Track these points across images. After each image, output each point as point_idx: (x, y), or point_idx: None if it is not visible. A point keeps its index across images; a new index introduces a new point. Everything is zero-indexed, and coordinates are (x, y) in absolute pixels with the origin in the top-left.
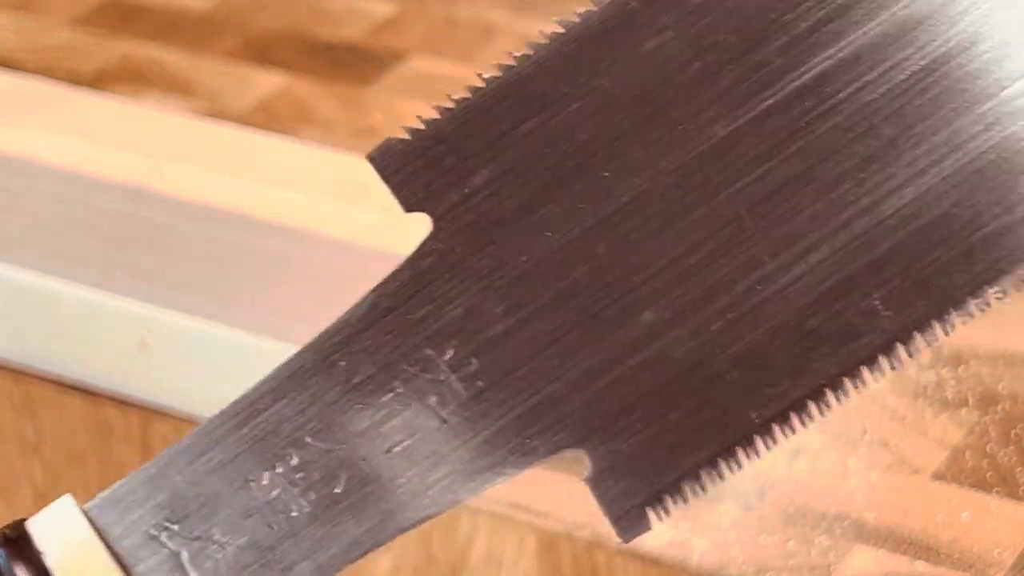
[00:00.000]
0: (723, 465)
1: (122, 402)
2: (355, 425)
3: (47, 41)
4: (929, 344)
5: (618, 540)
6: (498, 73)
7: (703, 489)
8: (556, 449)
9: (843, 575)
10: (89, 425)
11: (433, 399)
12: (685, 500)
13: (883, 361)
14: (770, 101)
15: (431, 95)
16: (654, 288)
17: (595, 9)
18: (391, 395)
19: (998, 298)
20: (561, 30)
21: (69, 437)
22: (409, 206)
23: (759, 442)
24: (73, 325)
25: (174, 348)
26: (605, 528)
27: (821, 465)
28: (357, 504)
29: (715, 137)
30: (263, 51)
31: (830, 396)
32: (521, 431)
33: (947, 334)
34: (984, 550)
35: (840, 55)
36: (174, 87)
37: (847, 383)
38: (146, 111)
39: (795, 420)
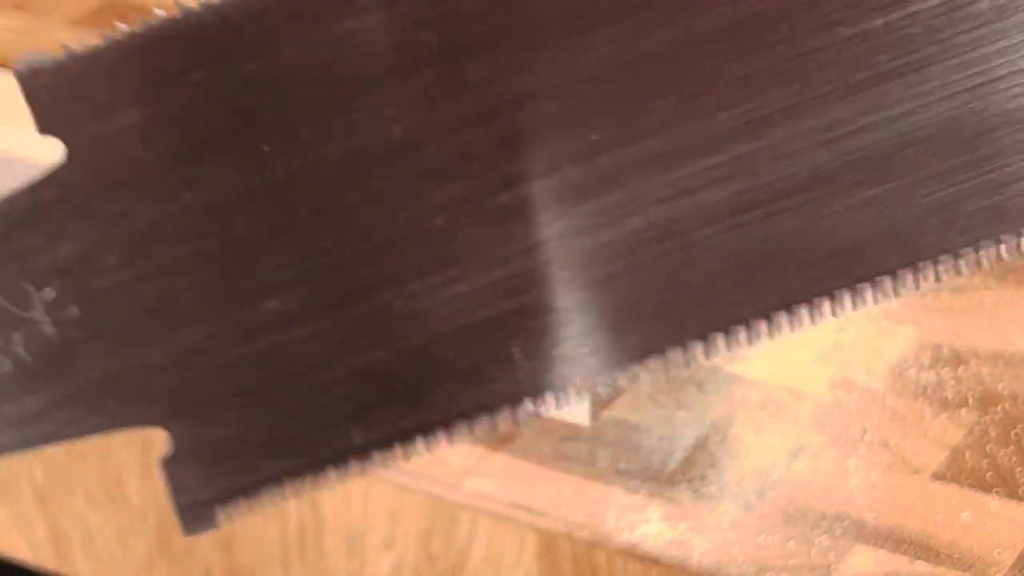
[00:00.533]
0: (309, 478)
1: None
2: None
3: (46, 41)
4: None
5: (618, 540)
6: (177, 14)
7: (281, 499)
8: (137, 422)
9: (843, 575)
10: None
11: (18, 337)
12: (261, 505)
13: (509, 412)
14: (469, 113)
15: None
16: (286, 278)
17: None
18: None
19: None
20: None
21: None
22: (44, 127)
23: (353, 464)
24: None
25: None
26: (605, 528)
27: (821, 465)
28: None
29: (391, 139)
30: None
31: (439, 435)
32: (105, 393)
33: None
34: (984, 550)
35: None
36: None
37: (458, 427)
38: None
39: (399, 450)
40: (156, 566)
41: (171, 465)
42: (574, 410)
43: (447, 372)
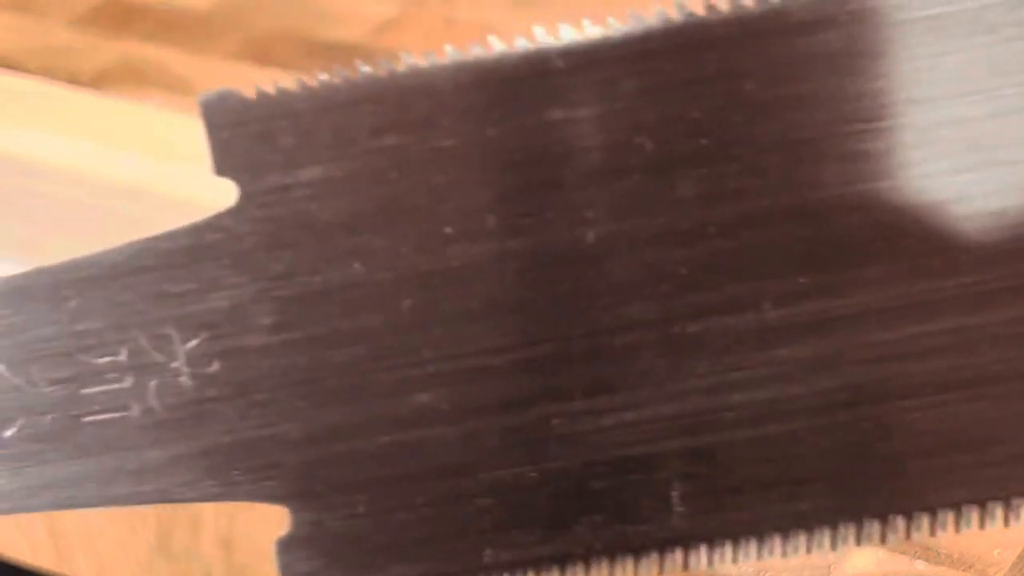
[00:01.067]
0: None
1: None
2: (56, 373)
3: (47, 41)
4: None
5: None
6: (381, 73)
7: None
8: (259, 496)
9: (843, 575)
10: None
11: (153, 384)
12: None
13: (650, 561)
14: (672, 231)
15: None
16: (443, 372)
17: (514, 52)
18: (109, 359)
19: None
20: (467, 58)
21: None
22: (220, 168)
23: None
24: None
25: None
26: None
27: None
28: (22, 458)
29: (583, 243)
30: (263, 51)
31: (576, 568)
32: (231, 459)
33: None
34: (984, 550)
35: None
36: (174, 87)
37: (598, 564)
38: (146, 111)
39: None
40: (156, 566)
41: (286, 547)
42: None
43: (596, 503)
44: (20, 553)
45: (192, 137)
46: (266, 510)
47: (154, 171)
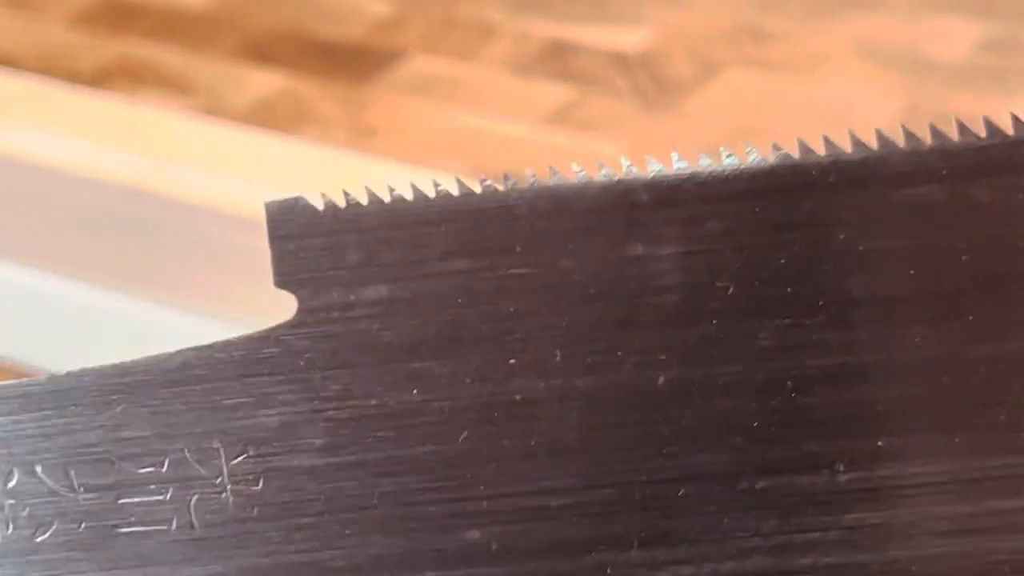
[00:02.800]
0: None
1: None
2: (95, 479)
3: (46, 40)
4: None
5: None
6: (455, 192)
7: None
8: None
9: None
10: None
11: (195, 498)
12: None
13: None
14: (749, 381)
15: (430, 94)
16: (495, 510)
17: (597, 182)
18: (151, 470)
19: None
20: (547, 184)
21: None
22: (282, 281)
23: None
24: (73, 325)
25: (173, 348)
26: None
27: None
28: (55, 565)
29: (652, 386)
30: (263, 50)
31: None
32: None
33: None
34: None
35: None
36: (173, 86)
37: None
38: (145, 110)
39: None
40: None
41: None
42: None
43: None
44: None
45: (190, 137)
46: None
47: (153, 171)
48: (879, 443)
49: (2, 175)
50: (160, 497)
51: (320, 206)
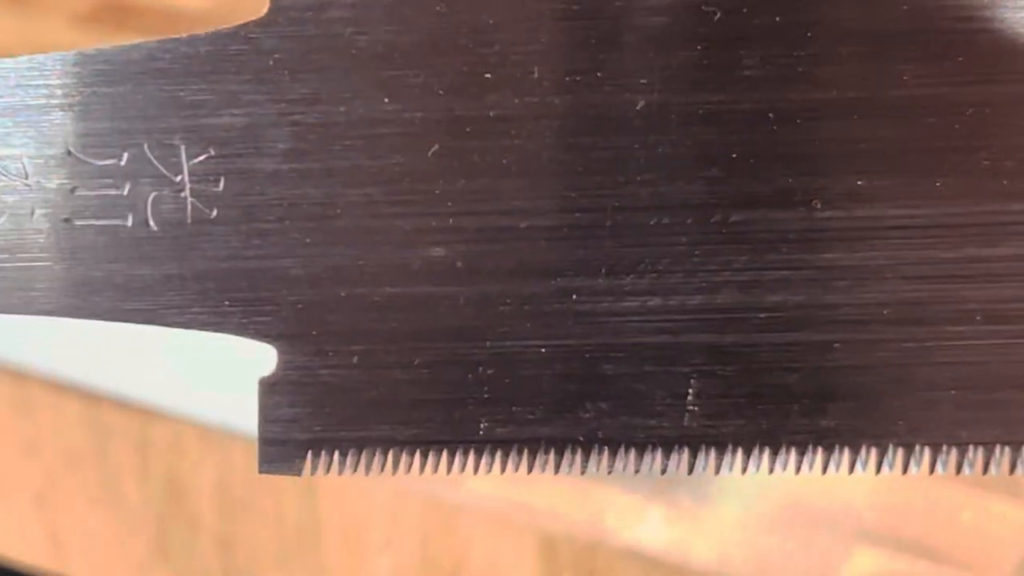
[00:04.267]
0: (413, 455)
1: (120, 403)
2: (49, 169)
3: (46, 40)
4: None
5: (618, 541)
6: None
7: (379, 468)
8: (249, 331)
9: (843, 575)
10: (88, 426)
11: (152, 195)
12: (354, 468)
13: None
14: (729, 111)
15: None
16: (462, 227)
17: None
18: (109, 162)
19: None
20: None
21: (68, 438)
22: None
23: (470, 457)
24: (72, 326)
25: (173, 348)
26: (605, 528)
27: None
28: (6, 252)
29: (630, 111)
30: None
31: (574, 456)
32: (224, 289)
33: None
34: (985, 551)
35: None
36: None
37: (598, 454)
38: None
39: (523, 458)
40: (154, 567)
41: (269, 391)
42: None
43: (606, 390)
44: (18, 554)
45: None
46: (264, 512)
47: None
48: (859, 182)
49: None
50: (117, 192)
51: None
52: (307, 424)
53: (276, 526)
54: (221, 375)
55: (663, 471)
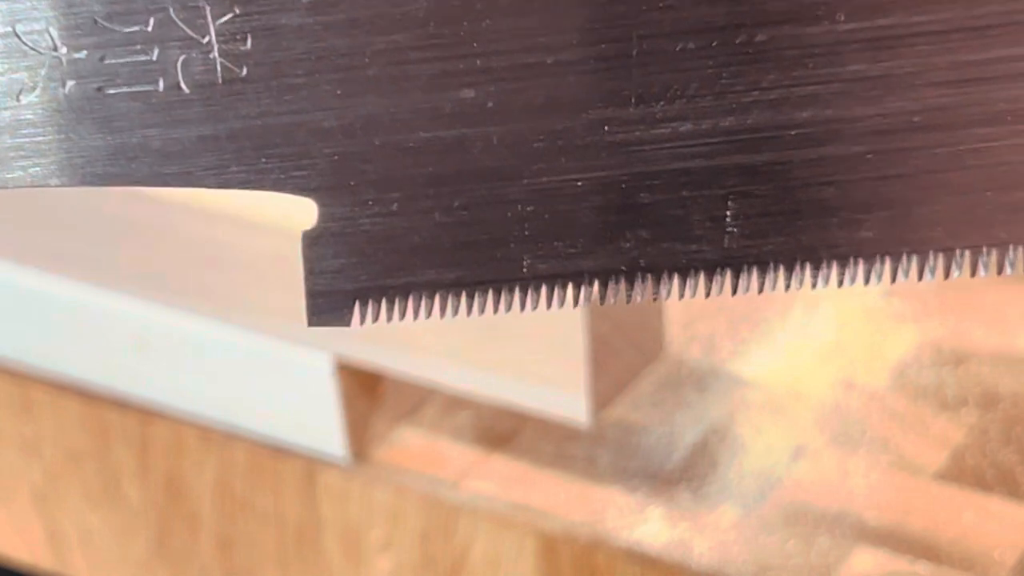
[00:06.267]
0: (462, 297)
1: (120, 403)
2: (78, 39)
3: None
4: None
5: (618, 541)
6: None
7: (426, 313)
8: (288, 186)
9: (843, 575)
10: (87, 426)
11: (182, 58)
12: (402, 314)
13: (685, 282)
14: None
15: None
16: (490, 68)
17: None
18: (136, 28)
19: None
20: None
21: (67, 438)
22: None
23: (516, 294)
24: (72, 325)
25: (172, 348)
26: (605, 528)
27: (822, 465)
28: (42, 125)
29: None
30: None
31: (619, 286)
32: (260, 145)
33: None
34: (985, 551)
35: None
36: None
37: (642, 282)
38: None
39: (570, 292)
40: (154, 566)
41: (312, 244)
42: (574, 409)
43: (645, 218)
44: (18, 553)
45: None
46: (265, 512)
47: None
48: None
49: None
50: (146, 57)
51: None
52: (352, 274)
53: (276, 526)
54: (220, 374)
55: (707, 294)
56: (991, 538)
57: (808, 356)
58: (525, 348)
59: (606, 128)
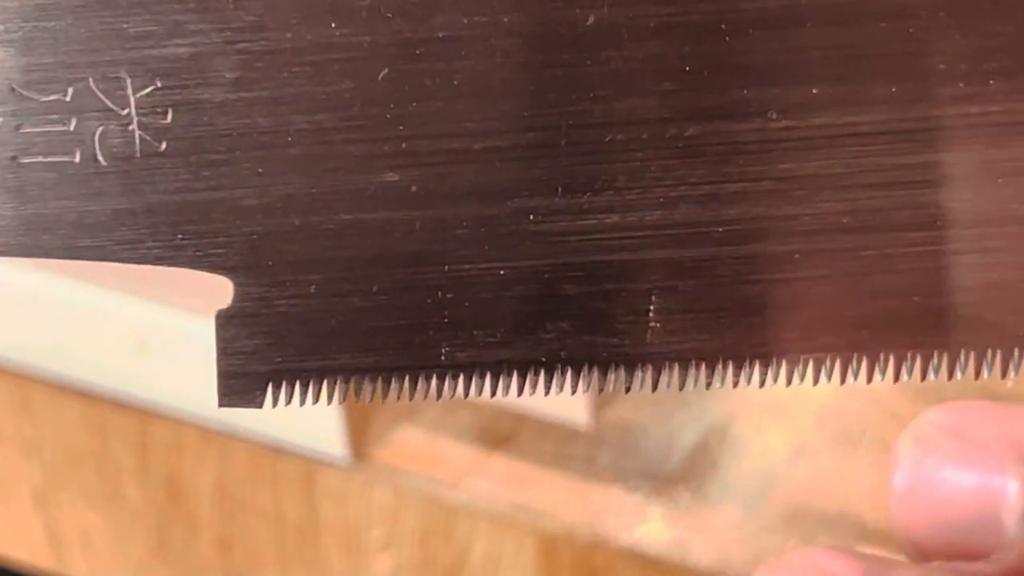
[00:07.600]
0: (375, 382)
1: (120, 403)
2: (11, 107)
3: None
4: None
5: (618, 541)
6: None
7: (340, 397)
8: (204, 264)
9: None
10: (88, 426)
11: (100, 130)
12: (315, 398)
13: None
14: (681, 22)
15: None
16: (415, 151)
17: None
18: (54, 98)
19: None
20: None
21: (68, 438)
22: None
23: (432, 382)
24: (72, 326)
25: (173, 348)
26: (605, 528)
27: (821, 465)
28: None
29: (580, 26)
30: None
31: (536, 378)
32: (177, 222)
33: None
34: None
35: None
36: None
37: (560, 376)
38: None
39: (486, 382)
40: (154, 567)
41: (227, 324)
42: (574, 410)
43: (566, 310)
44: (18, 553)
45: None
46: (264, 512)
47: None
48: (814, 90)
49: None
50: (63, 127)
51: None
52: (266, 356)
53: (276, 526)
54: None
55: (627, 389)
56: None
57: None
58: None
59: (531, 217)
